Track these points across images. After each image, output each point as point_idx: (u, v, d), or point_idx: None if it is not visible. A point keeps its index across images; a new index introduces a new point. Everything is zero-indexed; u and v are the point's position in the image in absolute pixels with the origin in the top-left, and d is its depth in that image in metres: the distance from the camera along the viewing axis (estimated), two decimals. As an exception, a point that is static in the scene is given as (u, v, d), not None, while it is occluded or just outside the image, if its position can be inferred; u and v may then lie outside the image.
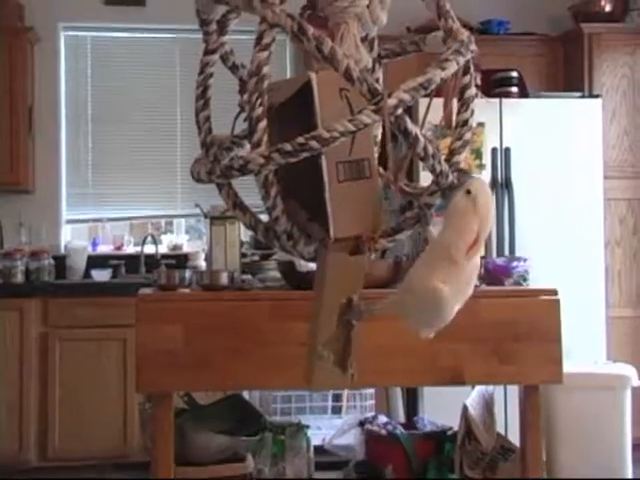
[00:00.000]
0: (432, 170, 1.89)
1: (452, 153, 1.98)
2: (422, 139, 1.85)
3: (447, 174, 1.90)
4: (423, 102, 2.08)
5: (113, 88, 5.76)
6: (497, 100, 4.99)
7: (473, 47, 1.91)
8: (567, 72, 5.62)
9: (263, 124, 1.81)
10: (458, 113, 2.02)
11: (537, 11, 5.86)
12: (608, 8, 5.55)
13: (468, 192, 1.81)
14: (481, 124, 4.85)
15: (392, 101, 1.74)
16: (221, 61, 2.10)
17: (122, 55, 5.80)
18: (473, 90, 2.00)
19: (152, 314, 2.63)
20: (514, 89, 5.19)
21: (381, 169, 2.14)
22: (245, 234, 3.52)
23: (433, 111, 2.11)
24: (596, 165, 5.01)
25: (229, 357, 2.61)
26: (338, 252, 1.95)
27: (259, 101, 1.80)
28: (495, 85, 5.20)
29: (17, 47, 5.33)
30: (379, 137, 2.16)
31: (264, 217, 2.05)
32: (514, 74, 5.23)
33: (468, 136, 2.00)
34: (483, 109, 4.72)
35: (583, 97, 5.17)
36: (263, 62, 1.80)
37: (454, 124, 2.04)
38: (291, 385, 2.78)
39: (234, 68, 2.15)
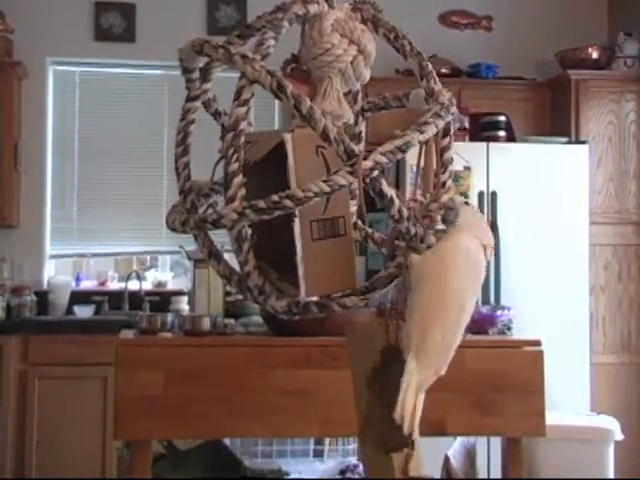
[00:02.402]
0: (407, 232, 1.86)
1: (431, 218, 1.95)
2: (397, 201, 1.82)
3: (422, 237, 1.88)
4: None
5: (100, 123, 5.76)
6: (484, 144, 5.01)
7: (454, 109, 1.90)
8: (554, 117, 5.65)
9: (238, 179, 1.80)
10: (436, 175, 2.01)
11: (525, 56, 5.90)
12: (595, 55, 5.60)
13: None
14: (468, 168, 4.86)
15: (368, 163, 1.72)
16: (204, 107, 2.09)
17: (110, 91, 5.81)
18: (452, 152, 1.99)
19: (132, 359, 2.60)
20: (501, 133, 5.23)
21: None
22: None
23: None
24: (582, 211, 5.03)
25: (210, 404, 2.58)
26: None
27: (235, 156, 1.79)
28: (483, 129, 5.23)
29: (5, 82, 5.33)
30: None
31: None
32: (502, 118, 5.26)
33: (445, 198, 1.98)
34: (470, 152, 4.75)
35: (570, 143, 5.20)
36: (241, 117, 1.79)
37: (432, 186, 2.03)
38: (272, 434, 2.75)
39: (216, 115, 2.15)
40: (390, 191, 1.79)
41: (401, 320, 1.89)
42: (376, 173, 1.74)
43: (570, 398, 4.64)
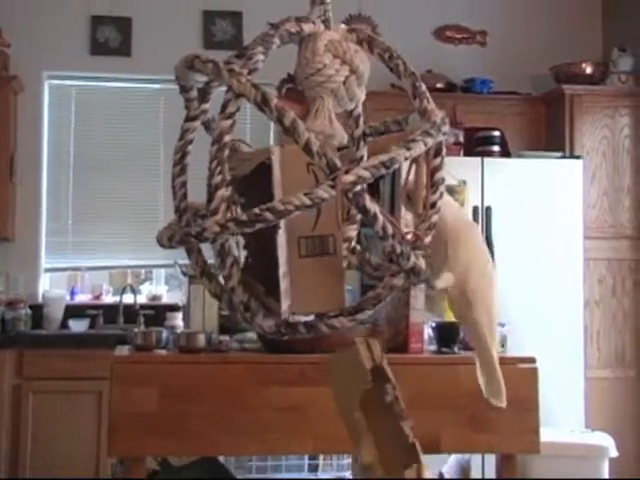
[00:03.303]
0: (392, 251, 1.85)
1: (417, 237, 1.95)
2: (381, 218, 1.81)
3: (408, 255, 1.86)
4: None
5: (96, 137, 5.76)
6: (479, 159, 5.03)
7: (446, 129, 1.91)
8: (549, 131, 5.67)
9: (221, 192, 1.80)
10: (427, 196, 2.01)
11: (520, 71, 5.92)
12: (589, 70, 5.62)
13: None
14: (463, 182, 4.86)
15: (350, 177, 1.71)
16: (204, 128, 2.10)
17: (106, 104, 5.81)
18: (444, 172, 1.99)
19: (127, 376, 2.60)
20: (496, 148, 5.25)
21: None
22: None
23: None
24: (576, 225, 5.05)
25: (205, 421, 2.57)
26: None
27: (218, 169, 1.79)
28: (477, 143, 5.25)
29: (1, 95, 5.34)
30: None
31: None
32: (496, 133, 5.28)
33: (435, 219, 1.98)
34: (465, 167, 4.76)
35: (564, 157, 5.22)
36: (225, 130, 1.79)
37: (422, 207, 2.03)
38: (267, 451, 2.74)
39: (217, 136, 2.15)
40: (374, 207, 1.78)
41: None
42: (358, 188, 1.73)
43: (565, 413, 4.64)
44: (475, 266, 2.28)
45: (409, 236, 1.92)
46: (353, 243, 2.33)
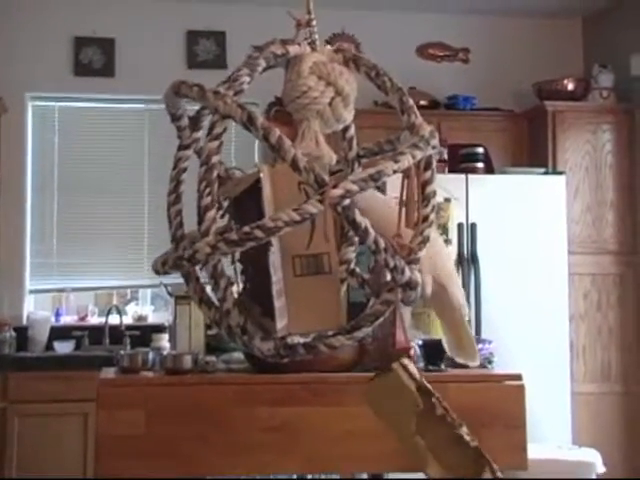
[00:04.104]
0: (385, 265, 1.85)
1: (410, 250, 1.95)
2: (372, 232, 1.81)
3: (403, 269, 1.86)
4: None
5: (80, 158, 5.76)
6: (464, 176, 5.05)
7: (435, 142, 1.91)
8: (531, 147, 5.71)
9: (211, 213, 1.80)
10: (418, 209, 2.01)
11: (502, 87, 5.97)
12: (571, 87, 5.67)
13: None
14: (448, 200, 4.89)
15: (338, 191, 1.71)
16: (196, 156, 2.09)
17: (90, 125, 5.81)
18: (434, 186, 1.99)
19: (113, 399, 2.58)
20: (480, 165, 5.27)
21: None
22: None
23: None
24: (560, 240, 5.07)
25: (192, 443, 2.56)
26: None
27: (207, 190, 1.79)
28: (461, 160, 5.27)
29: (-16, 117, 5.32)
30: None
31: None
32: (480, 150, 5.31)
33: (428, 232, 1.98)
34: (450, 184, 4.78)
35: (547, 173, 5.26)
36: (213, 151, 1.80)
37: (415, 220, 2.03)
38: (257, 471, 2.73)
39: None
40: (364, 221, 1.78)
41: None
42: (347, 202, 1.73)
43: (551, 428, 4.65)
44: (437, 248, 2.40)
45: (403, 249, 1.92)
46: (352, 265, 2.33)
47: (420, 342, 2.86)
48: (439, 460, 1.87)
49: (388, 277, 1.95)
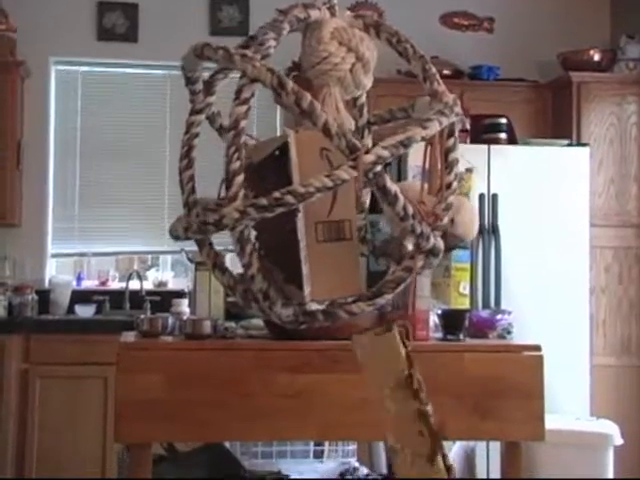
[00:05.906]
0: (412, 231, 1.84)
1: (436, 217, 1.95)
2: (401, 198, 1.80)
3: (428, 236, 1.86)
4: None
5: (102, 123, 5.77)
6: (485, 146, 5.01)
7: (458, 110, 1.90)
8: (555, 119, 5.65)
9: (240, 178, 1.78)
10: (442, 176, 2.00)
11: (527, 58, 5.91)
12: (597, 57, 5.60)
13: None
14: (469, 170, 4.85)
15: (370, 157, 1.70)
16: (208, 122, 2.09)
17: (112, 90, 5.81)
18: (457, 153, 1.98)
19: (133, 362, 2.60)
20: (502, 135, 5.22)
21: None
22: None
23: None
24: (582, 213, 5.03)
25: (211, 408, 2.57)
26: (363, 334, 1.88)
27: (236, 155, 1.78)
28: (484, 131, 5.23)
29: (7, 81, 5.33)
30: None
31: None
32: (503, 121, 5.26)
33: (452, 199, 1.97)
34: (471, 155, 4.75)
35: (571, 145, 5.20)
36: (241, 116, 1.78)
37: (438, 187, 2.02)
38: (273, 437, 2.76)
39: (221, 130, 2.13)
40: (394, 187, 1.78)
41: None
42: (379, 168, 1.72)
43: (570, 400, 4.65)
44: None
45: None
46: (362, 232, 2.33)
47: (439, 312, 2.86)
48: (399, 430, 1.88)
49: (409, 245, 1.95)
